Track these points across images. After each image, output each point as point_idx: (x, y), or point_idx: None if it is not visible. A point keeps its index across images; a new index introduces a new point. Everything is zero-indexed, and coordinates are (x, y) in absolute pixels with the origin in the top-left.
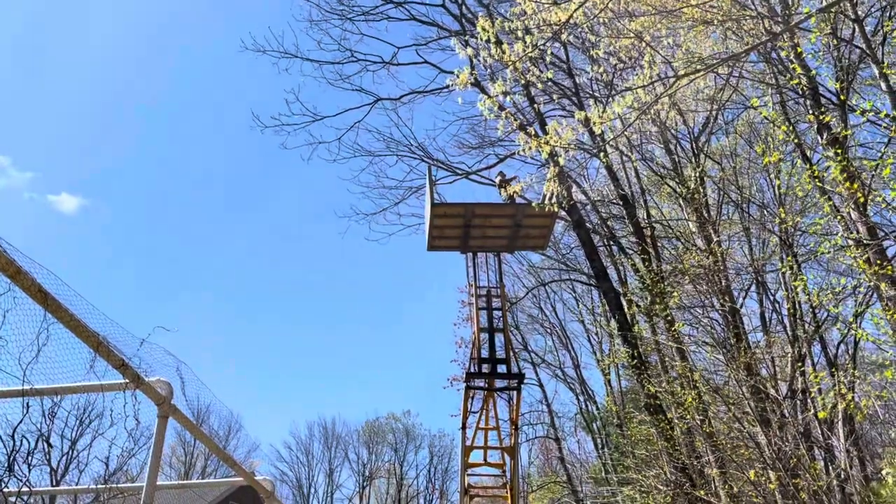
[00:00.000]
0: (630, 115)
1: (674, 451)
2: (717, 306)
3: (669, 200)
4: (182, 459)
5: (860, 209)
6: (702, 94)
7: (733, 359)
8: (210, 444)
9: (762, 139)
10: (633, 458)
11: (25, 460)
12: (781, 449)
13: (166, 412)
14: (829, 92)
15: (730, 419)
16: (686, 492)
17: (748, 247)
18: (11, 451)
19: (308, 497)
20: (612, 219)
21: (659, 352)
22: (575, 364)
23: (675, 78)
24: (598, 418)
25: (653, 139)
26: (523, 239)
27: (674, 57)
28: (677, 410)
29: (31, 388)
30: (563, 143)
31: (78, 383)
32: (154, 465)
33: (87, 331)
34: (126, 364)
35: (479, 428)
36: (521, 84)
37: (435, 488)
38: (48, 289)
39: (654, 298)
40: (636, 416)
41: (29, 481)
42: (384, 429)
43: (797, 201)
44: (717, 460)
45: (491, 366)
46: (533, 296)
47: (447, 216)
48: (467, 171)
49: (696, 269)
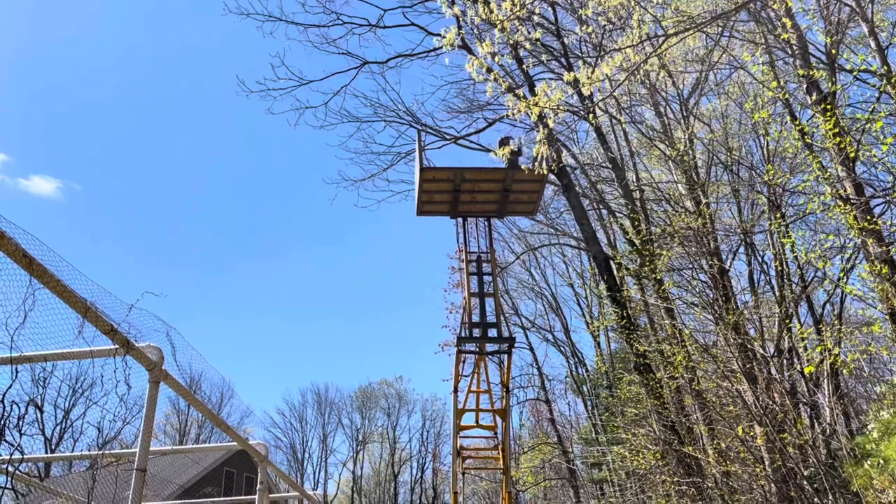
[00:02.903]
0: (619, 76)
1: (663, 409)
2: (706, 268)
3: (659, 163)
4: (176, 427)
5: (848, 166)
6: (692, 55)
7: (721, 318)
8: (203, 409)
9: (751, 99)
10: (622, 417)
11: (17, 426)
12: (768, 405)
13: (157, 377)
14: (819, 51)
15: (718, 377)
16: (675, 449)
17: (737, 208)
18: (2, 416)
19: (302, 462)
20: (602, 182)
21: (648, 313)
22: (565, 328)
23: (664, 37)
24: (587, 380)
25: (642, 101)
26: (513, 204)
27: (663, 16)
28: (666, 370)
29: (21, 355)
30: (552, 105)
31: (67, 349)
32: (146, 429)
33: (74, 296)
34: (115, 329)
35: (471, 391)
36: (509, 45)
37: (428, 451)
38: (33, 254)
39: (643, 261)
40: (625, 377)
41: (21, 447)
42: (377, 394)
43: (786, 162)
44: (705, 418)
45: (482, 330)
46: (523, 261)
47: (436, 181)
48: (456, 136)
49: (684, 230)
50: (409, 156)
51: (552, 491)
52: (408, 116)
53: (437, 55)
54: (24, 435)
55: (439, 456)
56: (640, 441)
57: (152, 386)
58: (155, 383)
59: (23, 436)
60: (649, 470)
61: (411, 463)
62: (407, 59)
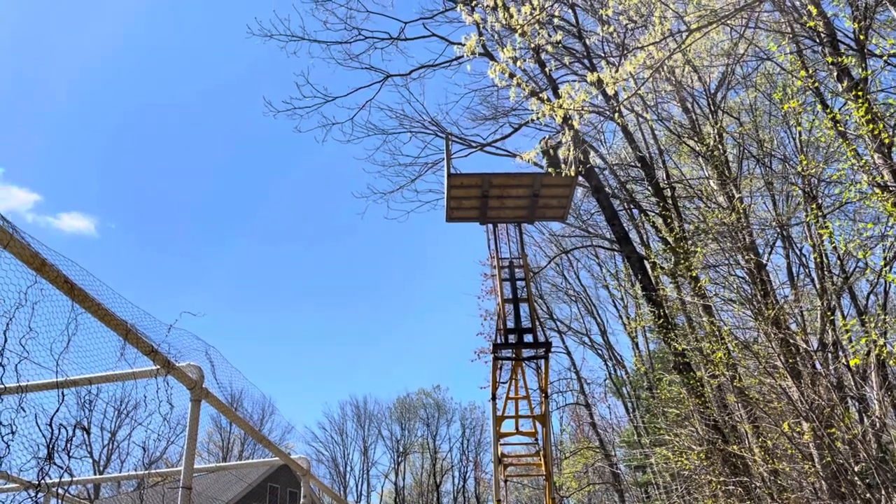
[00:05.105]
0: (643, 74)
1: (705, 408)
2: (743, 263)
3: (689, 159)
4: (219, 445)
5: (884, 153)
6: (716, 49)
7: (761, 314)
8: (244, 425)
9: (780, 89)
10: (664, 418)
11: (65, 448)
12: (814, 401)
13: (199, 396)
14: (847, 38)
15: (760, 374)
16: (720, 448)
17: (772, 201)
18: (50, 440)
19: (345, 475)
20: (632, 181)
21: (685, 311)
22: (602, 330)
23: (687, 32)
24: (627, 382)
25: (668, 98)
26: (542, 209)
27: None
28: (707, 368)
29: (66, 380)
30: (577, 106)
31: (110, 372)
32: (190, 447)
33: (115, 319)
34: (156, 350)
35: (509, 398)
36: (530, 49)
37: (469, 460)
38: (73, 279)
39: (677, 259)
40: (665, 377)
41: (70, 469)
42: (415, 404)
43: (819, 151)
44: (749, 415)
45: (517, 336)
46: (556, 264)
47: (464, 187)
48: (482, 143)
49: (718, 226)
50: (435, 166)
51: (596, 495)
52: (433, 126)
53: (459, 64)
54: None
55: (480, 464)
56: (683, 442)
57: (194, 404)
58: (196, 402)
59: (71, 458)
60: (694, 471)
61: (453, 472)
62: (429, 69)
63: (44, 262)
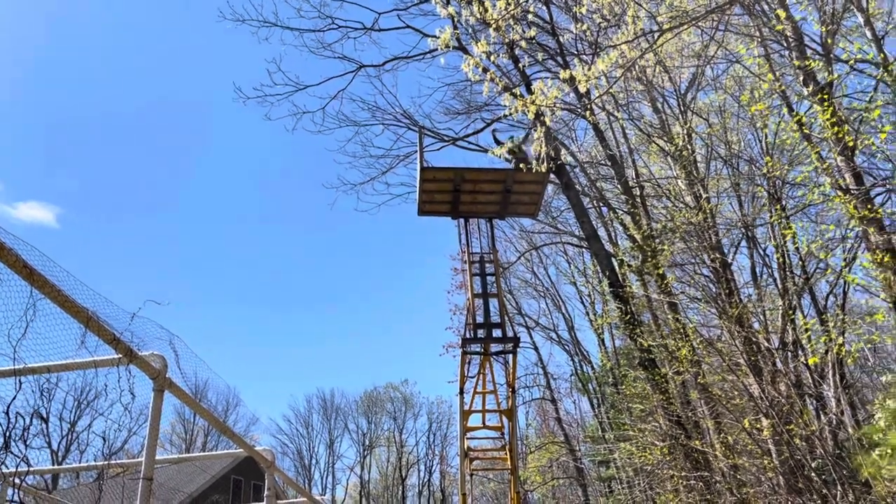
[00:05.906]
0: (615, 73)
1: (669, 404)
2: (708, 262)
3: (658, 159)
4: (182, 436)
5: (847, 156)
6: (687, 51)
7: (725, 312)
8: (208, 416)
9: (748, 92)
10: (628, 414)
11: (22, 437)
12: (774, 398)
13: (162, 385)
14: (815, 42)
15: (723, 371)
16: (682, 444)
17: (738, 202)
18: (7, 428)
19: (310, 468)
20: (601, 179)
21: (651, 309)
22: (569, 326)
23: (659, 32)
24: (593, 378)
25: (640, 98)
26: (514, 205)
27: (658, 12)
28: (671, 365)
29: (24, 367)
30: (549, 103)
31: (70, 360)
32: (152, 438)
33: (75, 306)
34: (118, 338)
35: (477, 392)
36: (505, 44)
37: (435, 454)
38: (33, 265)
39: (645, 257)
40: (631, 374)
41: (27, 458)
42: (383, 398)
43: (785, 154)
44: (711, 412)
45: (486, 330)
46: (525, 260)
47: (436, 181)
48: (454, 138)
49: (686, 225)
50: (407, 158)
51: (560, 490)
52: (406, 119)
53: (433, 57)
54: (30, 447)
55: (446, 458)
56: (646, 437)
57: (156, 394)
58: (159, 392)
59: (28, 447)
60: (657, 466)
61: (419, 466)
62: (403, 61)
63: (2, 246)
